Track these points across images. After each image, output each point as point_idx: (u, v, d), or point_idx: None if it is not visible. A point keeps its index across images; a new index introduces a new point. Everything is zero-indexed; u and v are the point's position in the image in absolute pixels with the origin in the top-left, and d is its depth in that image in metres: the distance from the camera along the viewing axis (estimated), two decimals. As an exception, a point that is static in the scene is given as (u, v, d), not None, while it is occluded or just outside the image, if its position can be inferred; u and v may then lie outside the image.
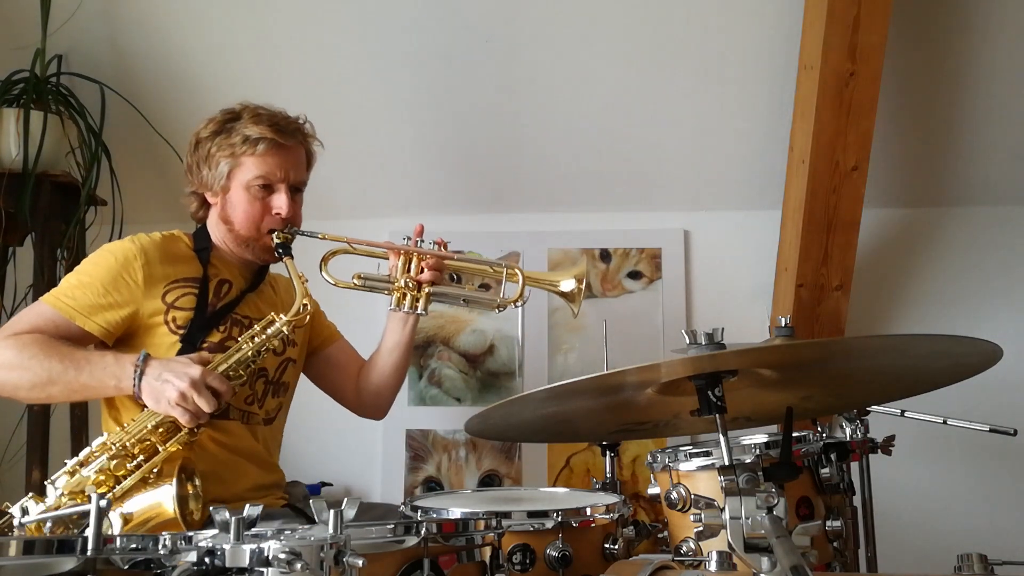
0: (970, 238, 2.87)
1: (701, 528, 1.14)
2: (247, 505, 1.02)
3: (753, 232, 2.86)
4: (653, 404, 1.44)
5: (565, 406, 1.46)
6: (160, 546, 1.02)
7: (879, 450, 1.84)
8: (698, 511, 1.15)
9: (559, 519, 1.40)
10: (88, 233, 2.58)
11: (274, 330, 1.69)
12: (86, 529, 0.97)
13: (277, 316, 1.71)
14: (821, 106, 2.36)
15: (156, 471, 1.57)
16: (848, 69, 2.30)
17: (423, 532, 1.14)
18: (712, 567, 1.15)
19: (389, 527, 1.13)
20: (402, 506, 1.58)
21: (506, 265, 1.87)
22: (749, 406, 1.49)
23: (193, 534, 1.03)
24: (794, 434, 1.49)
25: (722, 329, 1.22)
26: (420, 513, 1.47)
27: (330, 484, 2.70)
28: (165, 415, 1.57)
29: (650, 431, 1.79)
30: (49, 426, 2.38)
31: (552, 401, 1.41)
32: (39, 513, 1.48)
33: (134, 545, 1.03)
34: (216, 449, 1.74)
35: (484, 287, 1.92)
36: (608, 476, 1.93)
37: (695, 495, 1.51)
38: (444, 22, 2.48)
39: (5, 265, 2.51)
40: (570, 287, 1.88)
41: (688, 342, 1.24)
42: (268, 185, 1.79)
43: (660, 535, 1.65)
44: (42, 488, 1.56)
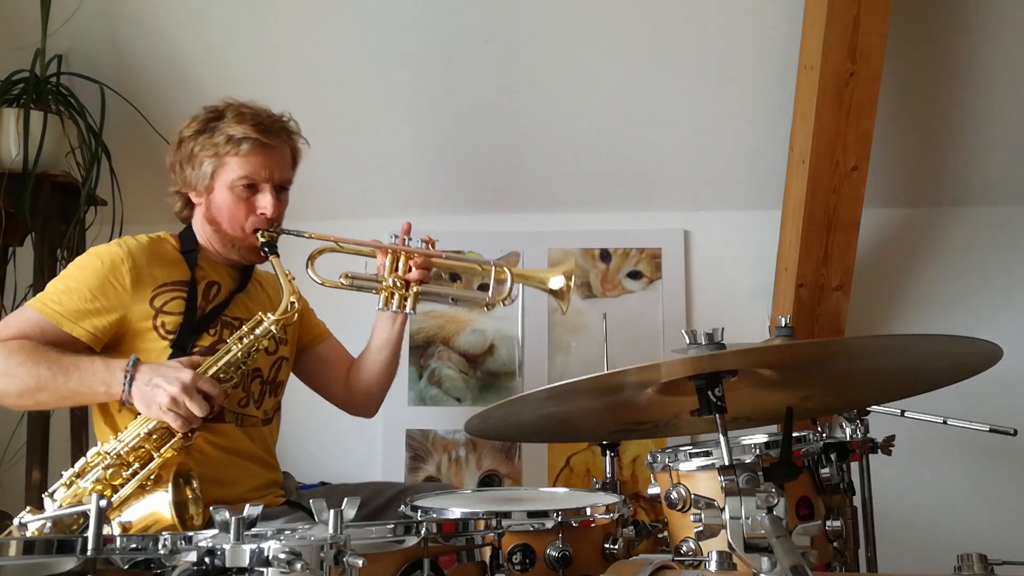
0: (970, 238, 2.87)
1: (701, 528, 1.14)
2: (247, 505, 1.01)
3: (753, 232, 2.86)
4: (653, 404, 1.44)
5: (565, 406, 1.46)
6: (160, 546, 1.02)
7: (879, 450, 1.83)
8: (698, 511, 1.15)
9: (559, 519, 1.39)
10: (88, 233, 2.58)
11: (263, 330, 1.67)
12: (86, 529, 0.97)
13: (265, 316, 1.69)
14: (821, 106, 2.36)
15: (153, 477, 1.56)
16: (848, 69, 2.30)
17: (423, 532, 1.14)
18: (712, 567, 1.15)
19: (389, 527, 1.13)
20: (402, 506, 1.58)
21: (494, 263, 1.86)
22: (749, 406, 1.49)
23: (193, 534, 1.03)
24: (794, 434, 1.48)
25: (722, 329, 1.22)
26: (420, 513, 1.46)
27: (330, 484, 2.70)
28: (158, 421, 1.55)
29: (650, 431, 1.79)
30: (49, 427, 2.38)
31: (552, 401, 1.41)
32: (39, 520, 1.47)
33: (134, 545, 1.02)
34: (213, 452, 1.72)
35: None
36: (608, 476, 1.92)
37: (695, 495, 1.50)
38: (444, 22, 2.48)
39: (5, 265, 2.50)
40: (559, 284, 1.87)
41: (688, 342, 1.24)
42: (253, 185, 1.76)
43: (660, 535, 1.65)
44: (40, 500, 1.54)
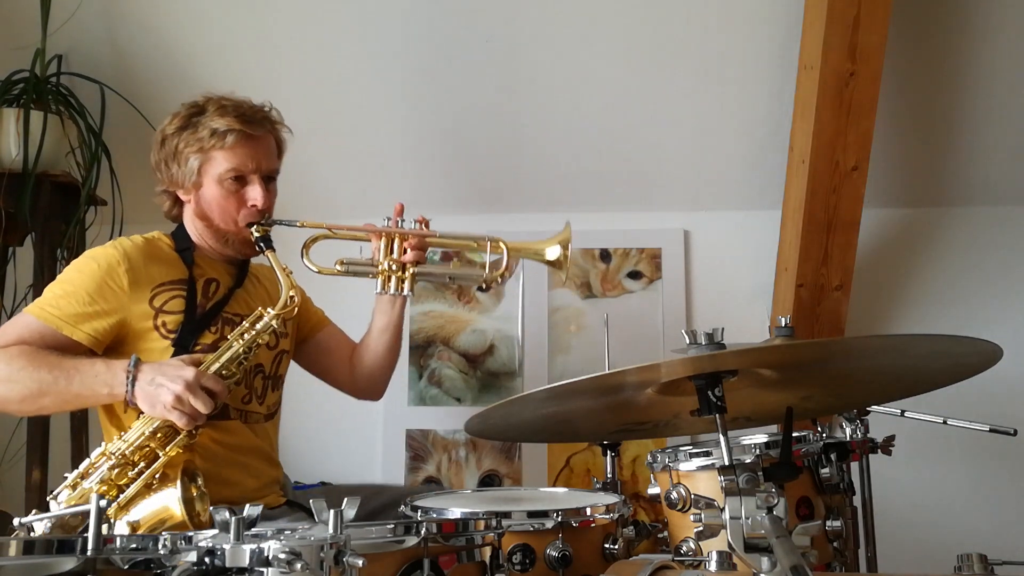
0: (970, 238, 2.87)
1: (701, 528, 1.14)
2: (247, 505, 1.01)
3: (753, 232, 2.86)
4: (653, 404, 1.44)
5: (565, 406, 1.46)
6: (160, 546, 1.02)
7: (879, 450, 1.83)
8: (698, 511, 1.15)
9: (559, 519, 1.39)
10: (88, 233, 2.58)
11: (263, 325, 1.67)
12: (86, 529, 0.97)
13: (265, 310, 1.69)
14: (821, 106, 2.36)
15: (158, 476, 1.56)
16: (848, 69, 2.30)
17: (423, 532, 1.14)
18: (712, 567, 1.15)
19: (389, 527, 1.13)
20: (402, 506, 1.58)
21: (489, 238, 1.84)
22: (749, 406, 1.48)
23: (193, 534, 1.03)
24: (794, 434, 1.48)
25: (722, 329, 1.22)
26: (420, 513, 1.46)
27: (330, 484, 2.70)
28: (162, 420, 1.55)
29: (650, 431, 1.79)
30: (49, 427, 2.37)
31: (552, 401, 1.41)
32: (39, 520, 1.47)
33: (134, 545, 1.02)
34: (219, 450, 1.72)
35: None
36: (608, 476, 1.92)
37: (695, 495, 1.50)
38: (444, 22, 2.48)
39: (5, 265, 2.50)
40: (556, 254, 1.86)
41: (688, 342, 1.24)
42: (241, 177, 1.76)
43: (660, 535, 1.65)
44: (43, 502, 1.54)
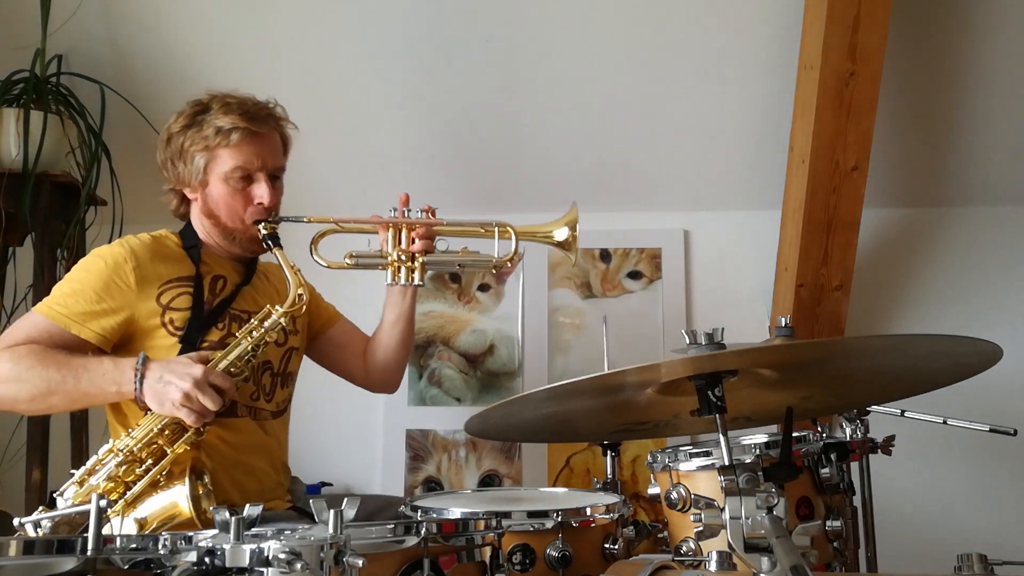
0: (970, 238, 2.87)
1: (701, 528, 1.14)
2: (247, 505, 1.01)
3: (753, 232, 2.86)
4: (653, 404, 1.44)
5: (565, 406, 1.46)
6: (160, 546, 1.02)
7: (879, 450, 1.83)
8: (698, 511, 1.14)
9: (559, 519, 1.39)
10: (88, 233, 2.58)
11: (272, 322, 1.68)
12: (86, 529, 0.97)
13: (273, 308, 1.69)
14: (821, 106, 2.36)
15: (166, 473, 1.56)
16: (848, 69, 2.30)
17: (423, 532, 1.14)
18: (712, 567, 1.15)
19: (389, 527, 1.13)
20: (402, 506, 1.58)
21: (497, 224, 1.86)
22: (749, 406, 1.48)
23: (193, 534, 1.03)
24: (794, 434, 1.48)
25: (722, 329, 1.22)
26: (420, 513, 1.46)
27: (330, 484, 2.70)
28: (170, 417, 1.55)
29: (650, 431, 1.79)
30: (49, 427, 2.37)
31: (552, 401, 1.41)
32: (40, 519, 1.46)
33: (134, 545, 1.02)
34: (227, 449, 1.72)
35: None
36: (609, 476, 1.92)
37: (695, 495, 1.50)
38: (444, 22, 2.48)
39: (5, 265, 2.50)
40: (564, 235, 1.86)
41: (688, 342, 1.24)
42: (247, 175, 1.76)
43: (660, 535, 1.65)
44: (45, 498, 1.54)
